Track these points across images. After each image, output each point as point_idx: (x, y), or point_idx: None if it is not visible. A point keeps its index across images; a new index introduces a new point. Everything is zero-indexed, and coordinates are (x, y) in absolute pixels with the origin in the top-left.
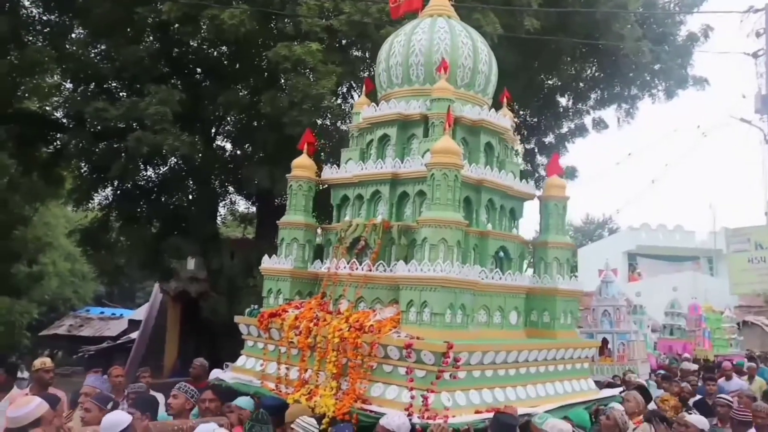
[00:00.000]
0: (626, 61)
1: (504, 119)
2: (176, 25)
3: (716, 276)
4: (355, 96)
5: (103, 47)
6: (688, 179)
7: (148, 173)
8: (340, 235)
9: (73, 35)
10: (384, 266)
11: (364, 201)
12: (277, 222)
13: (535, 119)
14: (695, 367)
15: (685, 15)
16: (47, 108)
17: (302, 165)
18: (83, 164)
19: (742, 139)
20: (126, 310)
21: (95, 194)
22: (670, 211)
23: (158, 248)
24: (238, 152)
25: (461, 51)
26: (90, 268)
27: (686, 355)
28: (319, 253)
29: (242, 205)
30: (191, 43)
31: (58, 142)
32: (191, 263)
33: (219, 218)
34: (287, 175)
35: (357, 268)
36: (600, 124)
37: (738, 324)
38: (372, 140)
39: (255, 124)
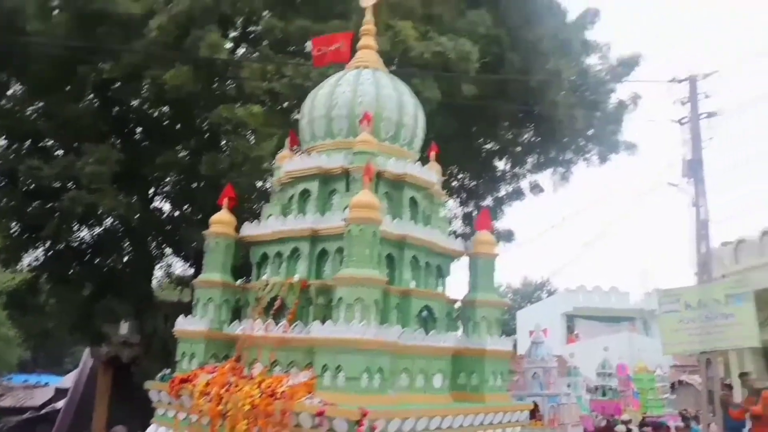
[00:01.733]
0: (561, 127)
1: (430, 173)
2: (118, 84)
3: (651, 336)
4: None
5: (41, 104)
6: (622, 241)
7: (83, 234)
8: (257, 294)
9: (9, 93)
10: (301, 327)
11: (283, 259)
12: (192, 281)
13: (474, 183)
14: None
15: (615, 83)
16: None
17: (221, 221)
18: (14, 224)
19: (671, 202)
20: (53, 376)
21: (25, 255)
22: (605, 272)
23: (90, 311)
24: (177, 213)
25: (386, 103)
26: (15, 333)
27: (625, 416)
28: (238, 314)
29: (179, 268)
30: (132, 103)
31: None
32: (124, 327)
33: (155, 281)
34: (204, 231)
35: (272, 330)
36: (536, 188)
37: (673, 384)
38: (293, 195)
39: (194, 185)
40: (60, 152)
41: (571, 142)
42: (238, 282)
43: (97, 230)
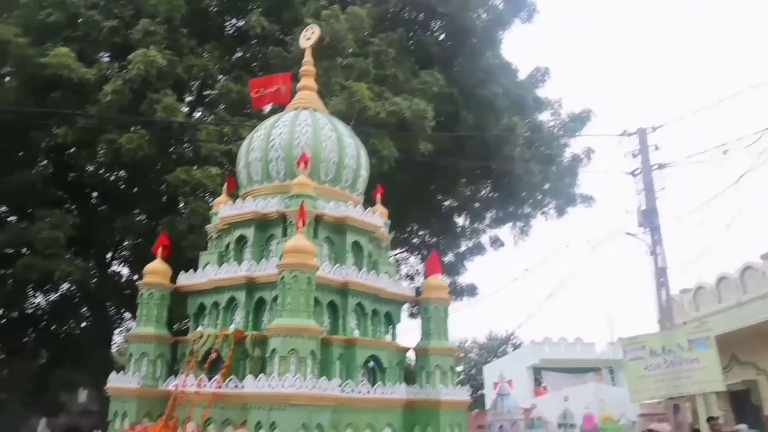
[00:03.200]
0: (518, 182)
1: (374, 216)
2: (72, 150)
3: (618, 385)
4: None
5: None
6: (585, 292)
7: (38, 300)
8: (191, 347)
9: None
10: (236, 382)
11: (220, 309)
12: (126, 335)
13: (434, 239)
14: None
15: (568, 138)
16: None
17: (154, 271)
18: None
19: (630, 252)
20: None
21: None
22: (570, 324)
23: (46, 381)
24: (135, 277)
25: (325, 144)
26: None
27: None
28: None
29: None
30: (87, 167)
31: None
32: (83, 395)
33: (114, 346)
34: (138, 282)
35: (205, 385)
36: (497, 242)
37: None
38: (230, 242)
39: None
40: (13, 218)
41: (529, 196)
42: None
43: (54, 296)
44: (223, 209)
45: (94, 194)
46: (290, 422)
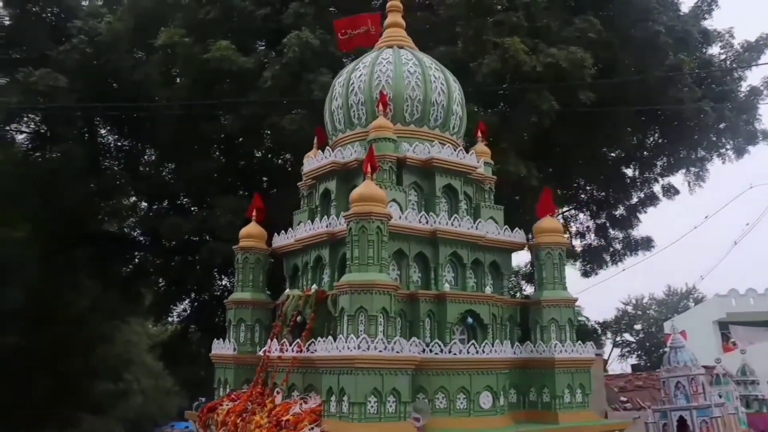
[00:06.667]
0: (689, 124)
1: (468, 156)
2: (240, 138)
3: None
4: None
5: (172, 165)
6: None
7: (223, 283)
8: (280, 310)
9: (145, 157)
10: (315, 346)
11: (309, 269)
12: (224, 302)
13: (603, 193)
14: None
15: (744, 70)
16: (125, 228)
17: (249, 234)
18: (161, 280)
19: None
20: None
21: (174, 308)
22: (757, 273)
23: None
24: None
25: (407, 82)
26: (173, 382)
27: None
28: None
29: None
30: (255, 154)
31: (136, 260)
32: None
33: None
34: (233, 246)
35: (286, 350)
36: (670, 191)
37: None
38: (317, 198)
39: None
40: (194, 208)
41: (702, 138)
42: None
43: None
44: (306, 163)
45: (264, 179)
46: (359, 387)
